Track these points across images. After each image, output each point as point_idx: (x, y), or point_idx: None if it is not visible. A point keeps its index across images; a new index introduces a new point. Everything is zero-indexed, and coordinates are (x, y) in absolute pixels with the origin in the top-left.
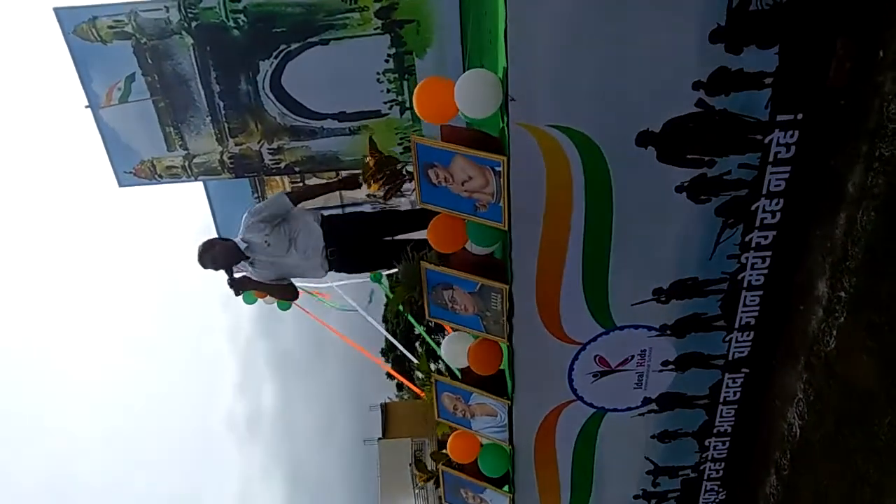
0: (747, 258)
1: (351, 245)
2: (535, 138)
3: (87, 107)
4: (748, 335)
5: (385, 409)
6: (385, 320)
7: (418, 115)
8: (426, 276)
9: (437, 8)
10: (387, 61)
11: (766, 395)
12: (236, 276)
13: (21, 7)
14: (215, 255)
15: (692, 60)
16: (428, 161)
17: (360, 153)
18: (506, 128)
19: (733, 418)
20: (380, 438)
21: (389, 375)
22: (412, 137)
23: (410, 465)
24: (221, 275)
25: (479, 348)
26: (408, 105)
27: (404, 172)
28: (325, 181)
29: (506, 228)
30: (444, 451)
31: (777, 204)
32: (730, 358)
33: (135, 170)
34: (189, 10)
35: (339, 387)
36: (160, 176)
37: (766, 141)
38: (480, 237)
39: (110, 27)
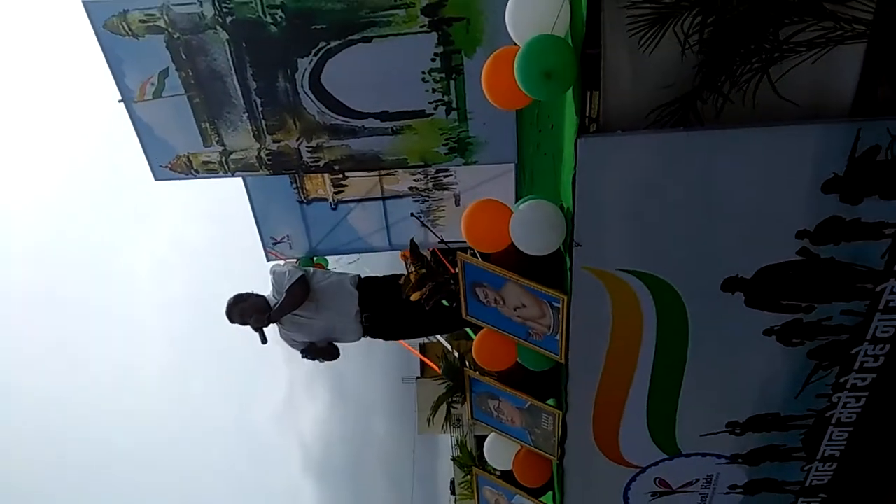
0: (839, 398)
1: (389, 312)
2: (602, 282)
3: (120, 101)
4: (830, 465)
5: (424, 349)
6: None
7: (465, 238)
8: (470, 384)
9: (489, 6)
10: (433, 60)
11: None
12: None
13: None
14: (245, 308)
15: (799, 209)
16: (476, 280)
17: (401, 153)
18: (568, 271)
19: None
20: (418, 377)
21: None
22: (459, 256)
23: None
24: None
25: (527, 460)
26: (454, 105)
27: (451, 284)
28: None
29: (562, 361)
30: None
31: (882, 349)
32: (807, 485)
33: (171, 164)
34: (223, 5)
35: None
36: (196, 171)
37: (878, 290)
38: (534, 362)
39: (142, 21)
